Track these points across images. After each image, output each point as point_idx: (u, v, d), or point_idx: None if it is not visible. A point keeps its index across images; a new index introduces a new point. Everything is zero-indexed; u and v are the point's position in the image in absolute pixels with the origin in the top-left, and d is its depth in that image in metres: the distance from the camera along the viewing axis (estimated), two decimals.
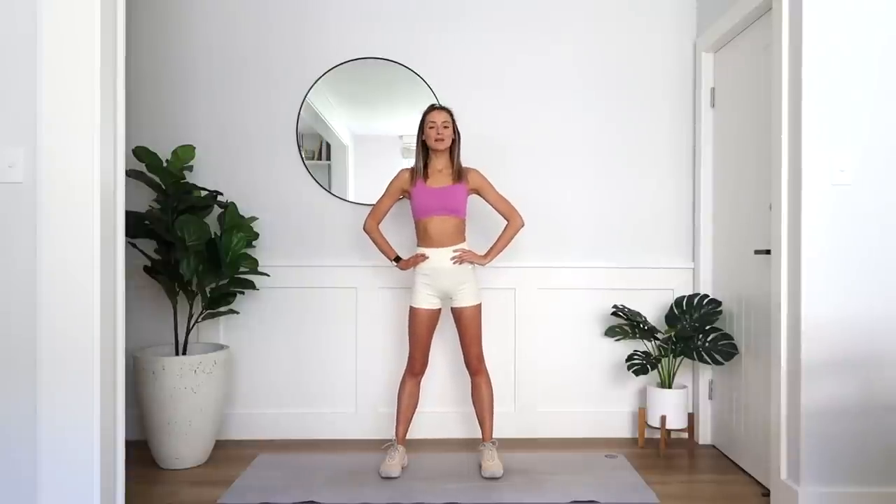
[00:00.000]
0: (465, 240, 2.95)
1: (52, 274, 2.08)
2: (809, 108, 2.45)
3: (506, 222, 3.01)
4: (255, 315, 3.47)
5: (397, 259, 3.02)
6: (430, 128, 2.88)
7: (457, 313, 2.94)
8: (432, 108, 2.94)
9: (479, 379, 2.98)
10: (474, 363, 2.97)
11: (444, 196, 2.87)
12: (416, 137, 2.95)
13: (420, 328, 2.91)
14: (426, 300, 2.91)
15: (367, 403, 3.48)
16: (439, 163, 2.93)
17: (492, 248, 2.99)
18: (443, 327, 3.17)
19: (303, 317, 3.49)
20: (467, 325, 2.92)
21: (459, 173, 2.93)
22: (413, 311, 2.92)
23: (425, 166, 2.94)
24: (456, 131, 2.93)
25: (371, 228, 3.03)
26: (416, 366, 2.96)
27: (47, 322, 2.08)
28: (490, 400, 2.99)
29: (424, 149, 2.94)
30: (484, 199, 3.01)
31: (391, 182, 3.00)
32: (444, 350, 3.40)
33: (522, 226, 3.02)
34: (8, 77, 2.08)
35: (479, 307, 2.94)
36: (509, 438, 3.40)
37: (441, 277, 2.89)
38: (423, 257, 2.90)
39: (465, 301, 2.91)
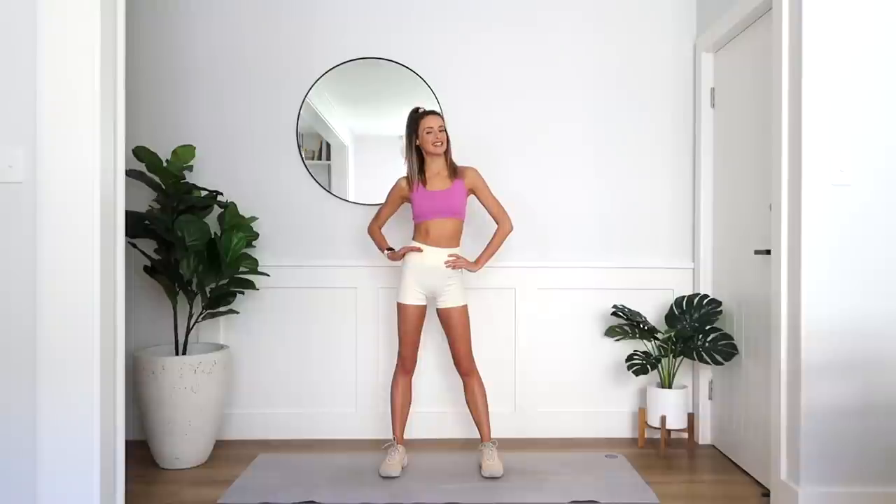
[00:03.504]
0: (459, 244, 2.96)
1: (52, 274, 2.08)
2: (809, 108, 2.45)
3: (496, 225, 3.01)
4: (255, 315, 3.47)
5: (390, 249, 3.04)
6: (428, 133, 2.86)
7: (443, 314, 2.94)
8: (424, 113, 2.90)
9: (471, 380, 2.98)
10: (464, 364, 2.96)
11: (445, 198, 2.88)
12: (407, 143, 2.91)
13: (409, 324, 2.92)
14: (413, 296, 2.91)
15: (366, 403, 3.48)
16: (435, 166, 2.93)
17: (482, 255, 2.99)
18: (436, 327, 3.17)
19: (303, 317, 3.49)
20: (454, 325, 2.92)
21: (455, 172, 2.93)
22: (401, 307, 2.93)
23: (422, 171, 2.93)
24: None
25: (373, 231, 3.09)
26: (406, 363, 2.97)
27: (47, 322, 2.08)
28: (484, 400, 2.98)
29: (418, 154, 2.92)
30: (477, 198, 3.01)
31: (390, 192, 3.01)
32: (440, 350, 3.40)
33: (511, 230, 3.02)
34: (8, 77, 2.08)
35: (465, 308, 2.94)
36: (509, 438, 3.40)
37: (430, 275, 2.89)
38: (418, 249, 2.90)
39: (450, 301, 2.91)
